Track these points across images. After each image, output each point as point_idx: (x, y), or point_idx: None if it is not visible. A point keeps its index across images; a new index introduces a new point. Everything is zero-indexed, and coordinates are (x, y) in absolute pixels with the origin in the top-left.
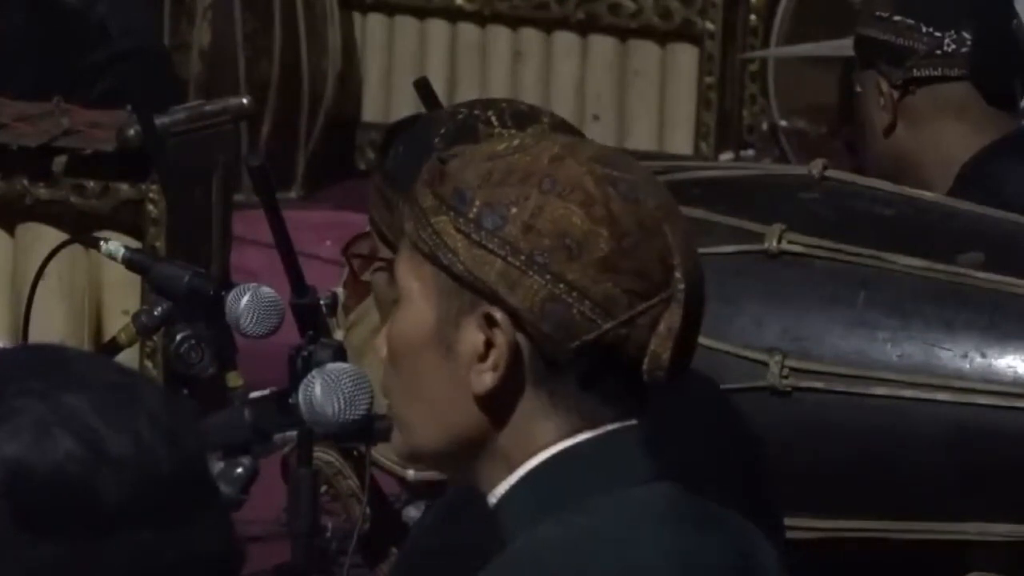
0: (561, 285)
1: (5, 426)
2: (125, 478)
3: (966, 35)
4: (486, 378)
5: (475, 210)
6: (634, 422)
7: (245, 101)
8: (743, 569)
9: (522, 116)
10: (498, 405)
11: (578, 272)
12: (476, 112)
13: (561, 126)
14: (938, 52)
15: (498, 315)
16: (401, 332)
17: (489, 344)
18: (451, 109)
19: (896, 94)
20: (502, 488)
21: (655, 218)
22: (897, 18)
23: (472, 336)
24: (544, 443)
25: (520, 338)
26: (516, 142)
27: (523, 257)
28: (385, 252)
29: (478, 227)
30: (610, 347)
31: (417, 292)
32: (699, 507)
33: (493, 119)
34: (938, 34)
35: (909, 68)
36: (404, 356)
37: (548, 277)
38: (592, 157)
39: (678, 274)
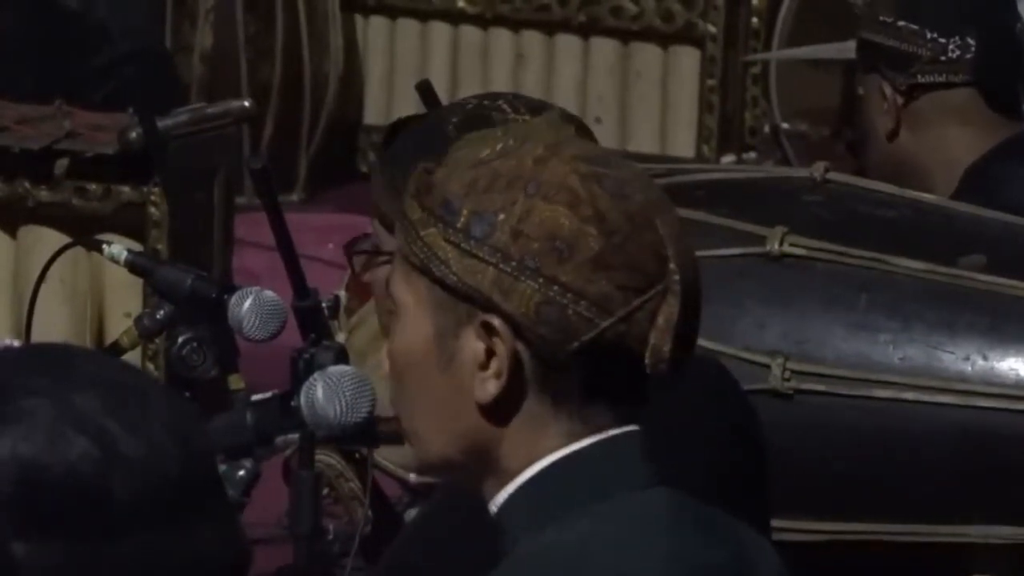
0: (555, 287)
1: (18, 427)
2: (136, 479)
3: (970, 40)
4: (489, 386)
5: (463, 219)
6: (635, 428)
7: (247, 103)
8: (743, 574)
9: (534, 104)
10: (502, 412)
11: (571, 273)
12: (487, 102)
13: (570, 119)
14: (942, 58)
15: (496, 322)
16: (401, 347)
17: (490, 352)
18: (460, 101)
19: (900, 99)
20: (503, 495)
21: (644, 212)
22: (901, 23)
23: (472, 345)
24: (546, 449)
25: (519, 344)
26: (500, 146)
27: (514, 263)
28: (390, 244)
29: (467, 236)
30: (610, 345)
31: (412, 306)
32: (700, 512)
33: (506, 106)
34: (942, 40)
35: (913, 74)
36: (406, 370)
37: (541, 281)
38: (577, 156)
39: (672, 265)
